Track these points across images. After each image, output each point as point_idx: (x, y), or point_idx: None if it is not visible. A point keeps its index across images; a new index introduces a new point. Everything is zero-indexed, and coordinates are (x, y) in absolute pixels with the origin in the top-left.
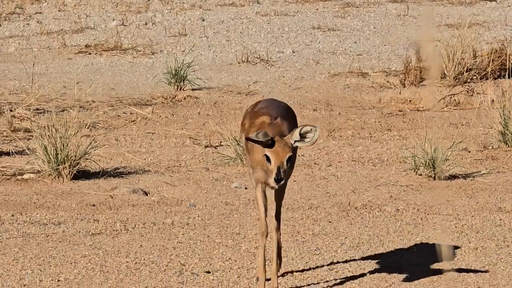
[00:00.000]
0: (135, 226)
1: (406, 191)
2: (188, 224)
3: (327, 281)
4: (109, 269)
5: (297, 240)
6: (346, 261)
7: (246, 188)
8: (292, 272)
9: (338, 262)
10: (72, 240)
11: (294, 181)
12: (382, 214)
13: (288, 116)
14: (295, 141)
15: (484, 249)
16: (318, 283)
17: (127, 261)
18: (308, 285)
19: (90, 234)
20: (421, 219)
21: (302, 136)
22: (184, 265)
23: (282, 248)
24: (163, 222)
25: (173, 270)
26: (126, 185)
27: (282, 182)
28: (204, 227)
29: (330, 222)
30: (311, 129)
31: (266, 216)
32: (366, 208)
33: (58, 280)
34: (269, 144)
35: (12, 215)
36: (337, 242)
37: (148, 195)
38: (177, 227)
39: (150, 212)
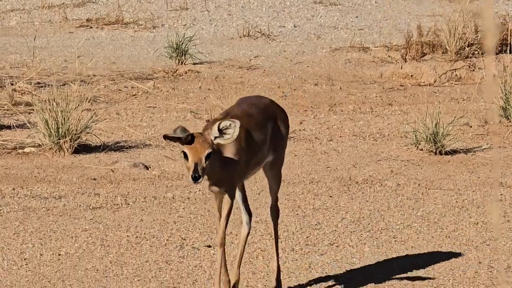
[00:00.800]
0: (136, 200)
1: (407, 165)
2: (189, 198)
3: (328, 256)
4: (109, 243)
5: (297, 214)
6: (346, 236)
7: None
8: (293, 249)
9: (339, 237)
10: (73, 214)
11: (295, 155)
12: (383, 188)
13: (255, 113)
14: (215, 137)
15: (485, 224)
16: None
17: (127, 235)
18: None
19: (91, 208)
20: (422, 194)
21: (222, 132)
22: (185, 239)
23: (283, 223)
24: (164, 196)
25: (174, 244)
26: (127, 159)
27: (200, 180)
28: (205, 201)
29: (331, 196)
30: (230, 124)
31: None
32: (367, 183)
33: (59, 254)
34: (188, 141)
35: (13, 189)
36: (338, 217)
37: (149, 169)
38: (178, 201)
39: (151, 186)
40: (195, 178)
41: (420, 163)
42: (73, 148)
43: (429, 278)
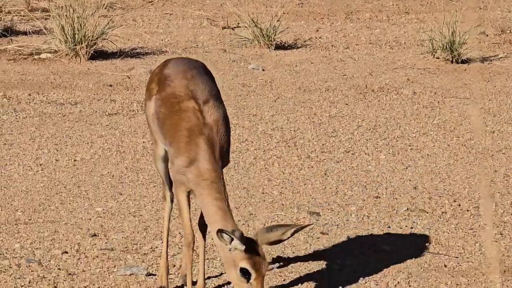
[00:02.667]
0: None
1: (424, 74)
2: None
3: (344, 164)
4: (125, 149)
5: (313, 122)
6: (362, 144)
7: (263, 70)
8: (309, 156)
9: (355, 144)
10: (89, 120)
11: (312, 63)
12: (399, 97)
13: (211, 85)
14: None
15: (500, 133)
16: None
17: (143, 142)
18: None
19: (107, 114)
20: (438, 102)
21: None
22: None
23: (299, 131)
24: None
25: None
26: (143, 66)
27: None
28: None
29: (347, 104)
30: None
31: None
32: (383, 91)
33: (75, 160)
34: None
35: (29, 95)
36: (354, 125)
37: None
38: None
39: None
40: None
41: (436, 72)
42: (89, 54)
43: (445, 187)
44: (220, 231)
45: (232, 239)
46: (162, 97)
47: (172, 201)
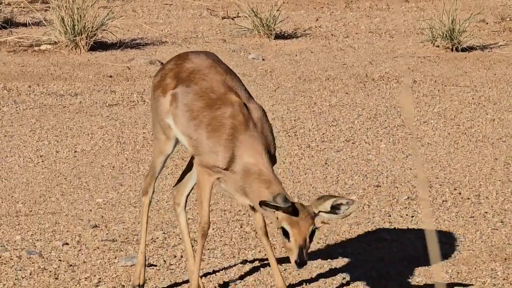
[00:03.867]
0: None
1: (424, 62)
2: None
3: (344, 153)
4: (125, 140)
5: (314, 111)
6: (363, 133)
7: (263, 60)
8: (309, 145)
9: (355, 133)
10: (89, 111)
11: (312, 52)
12: (399, 85)
13: (238, 79)
14: (320, 211)
15: (501, 121)
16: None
17: (143, 132)
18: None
19: (107, 105)
20: (438, 90)
21: (333, 210)
22: None
23: (300, 120)
24: None
25: None
26: (143, 56)
27: (306, 265)
28: None
29: (347, 93)
30: (347, 202)
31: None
32: (383, 80)
33: (75, 151)
34: (289, 212)
35: (29, 86)
36: (354, 114)
37: None
38: None
39: None
40: (301, 264)
41: (436, 60)
42: (89, 46)
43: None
44: (261, 203)
45: (276, 206)
46: (195, 91)
47: (152, 196)
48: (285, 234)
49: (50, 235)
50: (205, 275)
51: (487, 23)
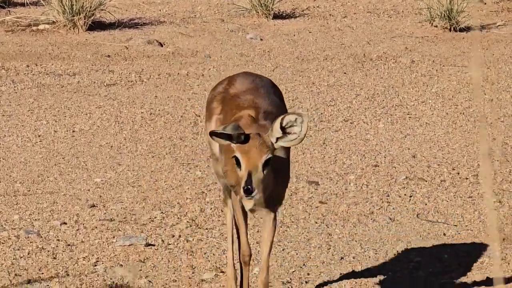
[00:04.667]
0: (150, 77)
1: (422, 42)
2: (203, 75)
3: (342, 133)
4: (124, 120)
5: (312, 91)
6: (361, 112)
7: (261, 40)
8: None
9: (353, 113)
10: (87, 91)
11: (310, 32)
12: (397, 65)
13: (279, 103)
14: (277, 139)
15: (499, 101)
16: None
17: (142, 112)
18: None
19: (105, 85)
20: (436, 70)
21: (285, 131)
22: (199, 115)
23: (298, 100)
24: (178, 73)
25: (188, 121)
26: (141, 36)
27: (254, 194)
28: (219, 78)
29: (345, 73)
30: (295, 119)
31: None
32: (381, 60)
33: (73, 131)
34: (241, 141)
35: (27, 66)
36: (352, 93)
37: (163, 46)
38: (192, 78)
39: (165, 63)
40: (248, 191)
41: (434, 40)
42: (87, 25)
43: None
44: (212, 133)
45: (228, 136)
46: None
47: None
48: (238, 163)
49: (48, 215)
50: (204, 253)
51: (485, 3)
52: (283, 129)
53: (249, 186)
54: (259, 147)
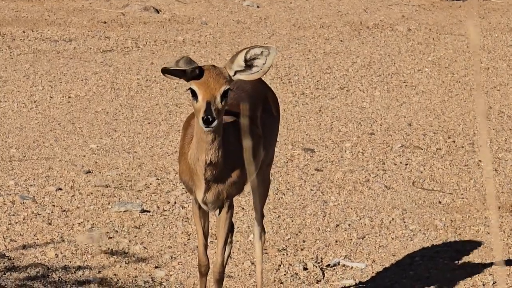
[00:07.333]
0: (146, 43)
1: (418, 11)
2: (199, 42)
3: (338, 100)
4: (119, 86)
5: (308, 58)
6: (357, 80)
7: (258, 7)
8: (303, 92)
9: (349, 81)
10: (83, 57)
11: (306, 0)
12: (394, 33)
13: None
14: (236, 72)
15: (495, 69)
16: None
17: (138, 78)
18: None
19: (101, 51)
20: (433, 39)
21: (248, 64)
22: None
23: (294, 67)
24: (174, 40)
25: (184, 87)
26: (137, 3)
27: (215, 123)
28: (216, 45)
29: (341, 41)
30: (261, 52)
31: (206, 246)
32: (377, 28)
33: (69, 97)
34: (196, 76)
35: (23, 32)
36: (349, 61)
37: (160, 12)
38: (188, 45)
39: (161, 30)
40: (208, 121)
41: (431, 8)
42: None
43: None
44: (164, 71)
45: (181, 71)
46: None
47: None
48: (194, 95)
49: (43, 181)
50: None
51: None
52: (245, 61)
53: (208, 116)
54: (216, 77)
